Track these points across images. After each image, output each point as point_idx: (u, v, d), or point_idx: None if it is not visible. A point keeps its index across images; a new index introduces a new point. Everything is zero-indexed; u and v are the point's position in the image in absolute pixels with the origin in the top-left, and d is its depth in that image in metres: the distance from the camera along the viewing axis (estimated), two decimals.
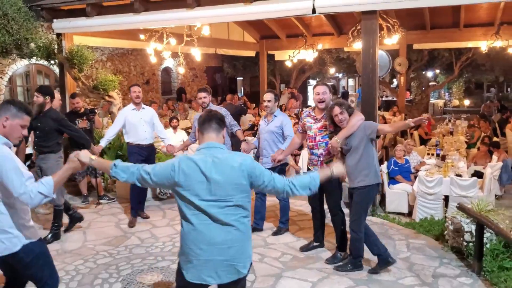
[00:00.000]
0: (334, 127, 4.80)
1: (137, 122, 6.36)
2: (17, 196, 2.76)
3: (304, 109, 6.86)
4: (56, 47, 8.14)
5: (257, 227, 5.91)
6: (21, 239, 2.96)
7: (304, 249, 5.33)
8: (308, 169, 5.17)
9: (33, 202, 2.78)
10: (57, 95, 6.77)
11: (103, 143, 6.40)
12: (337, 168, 3.07)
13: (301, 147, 7.63)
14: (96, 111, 7.77)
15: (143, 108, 6.51)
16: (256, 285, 4.46)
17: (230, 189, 2.67)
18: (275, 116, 5.71)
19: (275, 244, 5.54)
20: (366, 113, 6.40)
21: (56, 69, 9.84)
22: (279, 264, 4.95)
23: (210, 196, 2.65)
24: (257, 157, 6.02)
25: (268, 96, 5.72)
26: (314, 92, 4.97)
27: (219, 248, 2.67)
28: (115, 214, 6.87)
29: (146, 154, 6.39)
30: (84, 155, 2.94)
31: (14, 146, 3.02)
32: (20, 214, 2.98)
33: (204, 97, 6.08)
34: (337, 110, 4.61)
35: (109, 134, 6.49)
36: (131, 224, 6.30)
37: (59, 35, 8.40)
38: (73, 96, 7.26)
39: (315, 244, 5.35)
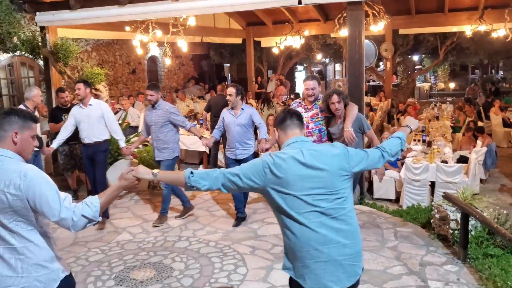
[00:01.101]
0: (329, 114, 5.09)
1: (81, 119, 6.05)
2: (56, 221, 2.30)
3: (293, 100, 6.99)
4: (40, 40, 8.02)
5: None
6: (58, 273, 2.45)
7: None
8: None
9: (75, 227, 2.31)
10: (38, 91, 6.69)
11: (55, 144, 6.04)
12: (413, 122, 3.08)
13: None
14: None
15: (91, 104, 6.07)
16: (248, 278, 4.53)
17: (336, 180, 2.51)
18: (243, 109, 5.95)
19: (265, 236, 5.62)
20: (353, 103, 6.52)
21: (40, 61, 9.70)
22: (270, 256, 5.02)
23: (316, 189, 2.46)
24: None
25: (229, 91, 5.93)
26: (304, 86, 5.26)
27: (336, 247, 2.46)
28: None
29: (90, 153, 6.10)
30: (144, 172, 2.50)
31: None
32: (53, 243, 2.52)
33: (151, 95, 6.02)
34: (335, 98, 4.90)
35: (61, 135, 6.09)
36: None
37: (42, 28, 8.27)
38: (62, 90, 7.20)
39: None
